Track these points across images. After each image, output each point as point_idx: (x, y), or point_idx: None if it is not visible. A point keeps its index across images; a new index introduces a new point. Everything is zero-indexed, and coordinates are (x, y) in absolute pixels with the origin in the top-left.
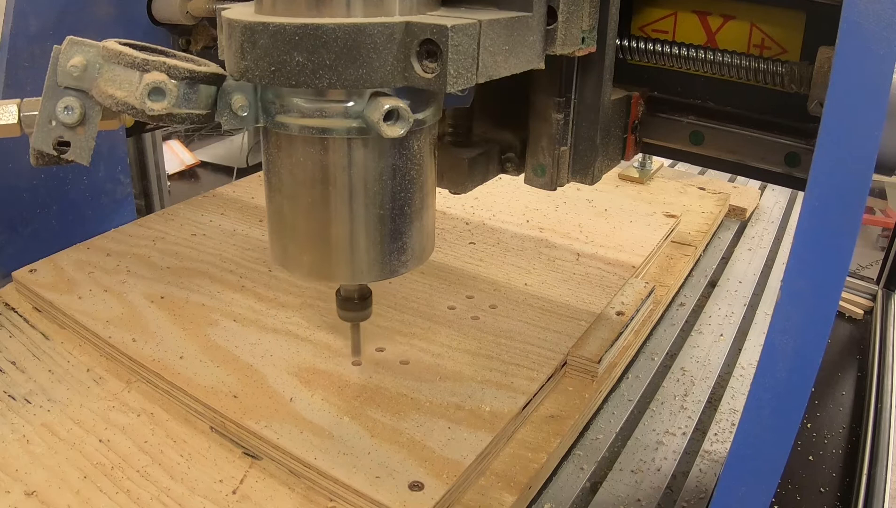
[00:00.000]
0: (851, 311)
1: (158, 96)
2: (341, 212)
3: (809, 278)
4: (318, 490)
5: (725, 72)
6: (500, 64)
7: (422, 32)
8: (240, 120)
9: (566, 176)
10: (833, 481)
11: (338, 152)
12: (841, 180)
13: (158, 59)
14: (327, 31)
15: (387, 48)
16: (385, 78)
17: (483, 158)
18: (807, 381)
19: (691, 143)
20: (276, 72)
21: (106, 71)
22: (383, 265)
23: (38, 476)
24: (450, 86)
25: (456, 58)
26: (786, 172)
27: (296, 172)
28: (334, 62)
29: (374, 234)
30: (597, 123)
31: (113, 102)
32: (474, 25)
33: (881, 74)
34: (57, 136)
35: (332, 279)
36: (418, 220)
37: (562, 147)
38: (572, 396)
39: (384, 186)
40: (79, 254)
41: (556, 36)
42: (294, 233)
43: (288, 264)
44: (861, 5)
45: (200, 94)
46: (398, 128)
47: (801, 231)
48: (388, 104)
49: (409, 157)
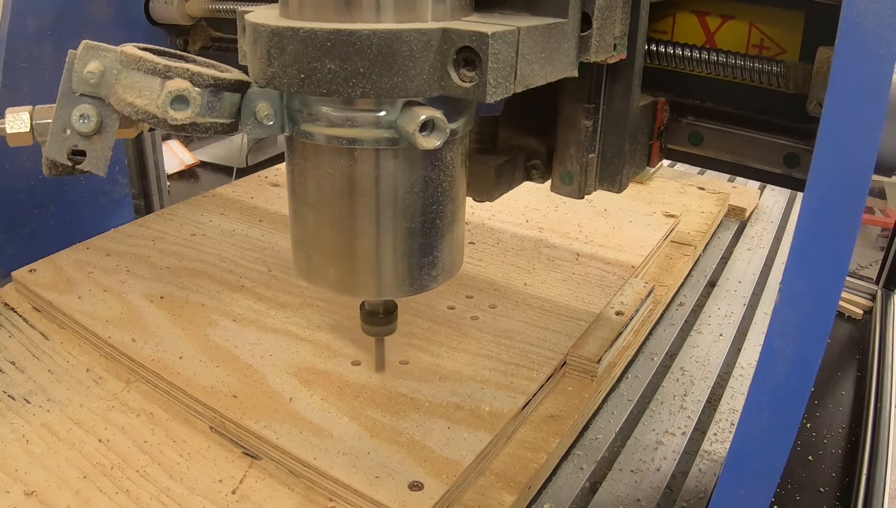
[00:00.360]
0: (851, 311)
1: (181, 105)
2: (369, 225)
3: (809, 280)
4: (318, 490)
5: (724, 72)
6: (537, 72)
7: (460, 39)
8: (265, 129)
9: (594, 184)
10: (833, 481)
11: (367, 163)
12: (840, 181)
13: (181, 66)
14: (362, 36)
15: (423, 56)
16: (421, 87)
17: (509, 166)
18: (806, 383)
19: (690, 143)
20: (305, 80)
21: (124, 77)
22: (413, 280)
23: (37, 476)
24: (489, 96)
25: (495, 67)
26: (785, 172)
27: (322, 184)
28: (368, 70)
29: (404, 248)
30: (625, 130)
31: (132, 111)
32: (513, 32)
33: (881, 75)
34: (72, 145)
35: (357, 294)
36: (450, 233)
37: (590, 154)
38: (572, 396)
39: (415, 199)
40: (78, 254)
41: (591, 43)
42: (319, 245)
43: (312, 276)
44: (860, 5)
45: (224, 102)
46: (434, 139)
47: (801, 232)
48: (424, 114)
49: (441, 168)
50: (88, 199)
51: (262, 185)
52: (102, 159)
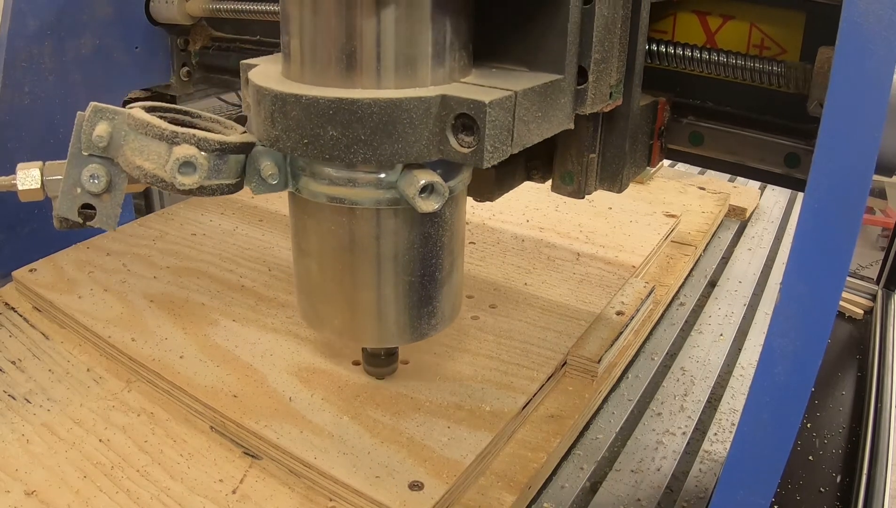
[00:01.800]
0: (851, 311)
1: (189, 170)
2: (371, 279)
3: (809, 280)
4: (318, 490)
5: (724, 72)
6: (533, 131)
7: (458, 106)
8: (269, 187)
9: (594, 184)
10: (833, 481)
11: (368, 222)
12: (841, 182)
13: (188, 132)
14: (363, 105)
15: (423, 123)
16: (421, 152)
17: (509, 166)
18: (806, 383)
19: (691, 143)
20: (308, 145)
21: (132, 140)
22: (413, 330)
23: (37, 476)
24: (486, 161)
25: (493, 133)
26: (786, 172)
27: (325, 239)
28: (369, 137)
29: (404, 300)
30: (626, 130)
31: (141, 174)
32: (510, 98)
33: (881, 75)
34: (82, 202)
35: (361, 342)
36: (448, 283)
37: (590, 154)
38: (572, 396)
39: (415, 254)
40: (79, 254)
41: (587, 96)
42: (323, 296)
43: (316, 323)
44: (861, 5)
45: (230, 163)
46: (433, 202)
47: (801, 233)
48: (423, 179)
49: (440, 225)
50: None
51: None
52: (112, 216)
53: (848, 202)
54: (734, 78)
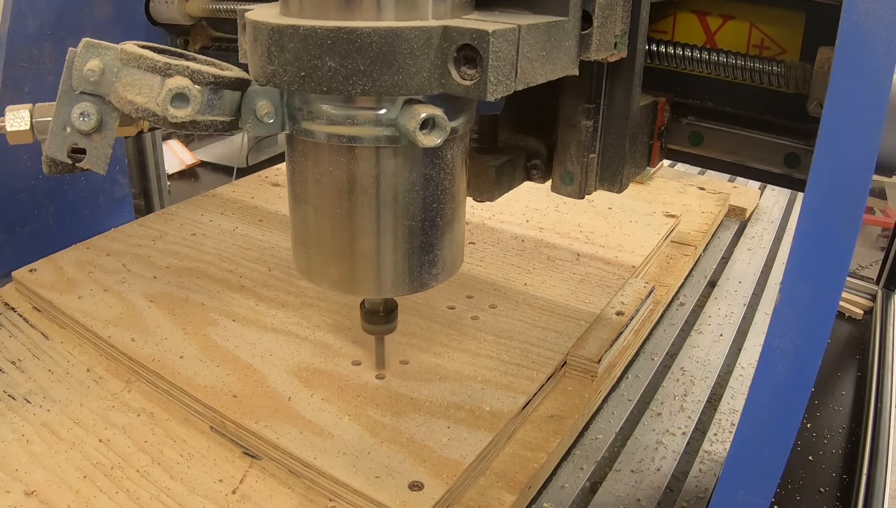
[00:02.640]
0: (851, 311)
1: (182, 103)
2: (370, 224)
3: (809, 281)
4: (318, 490)
5: (724, 72)
6: (538, 71)
7: (460, 37)
8: (265, 127)
9: (594, 184)
10: (833, 481)
11: (367, 162)
12: (840, 182)
13: (181, 64)
14: (362, 34)
15: (424, 53)
16: (422, 85)
17: (509, 166)
18: (806, 384)
19: (690, 143)
20: (305, 77)
21: (125, 75)
22: (413, 279)
23: (37, 476)
24: (490, 94)
25: (496, 65)
26: (786, 172)
27: (323, 182)
28: (369, 68)
29: (404, 246)
30: (626, 130)
31: (133, 109)
32: (514, 31)
33: (881, 75)
34: (72, 143)
35: (358, 293)
36: (450, 231)
37: (590, 154)
38: (572, 396)
39: (415, 197)
40: (78, 254)
41: (591, 41)
42: (319, 244)
43: (312, 275)
44: (861, 5)
45: (224, 100)
46: (435, 137)
47: (801, 233)
48: (424, 112)
49: (441, 166)
50: (88, 198)
51: (263, 185)
52: (102, 157)
53: (848, 202)
54: (734, 78)
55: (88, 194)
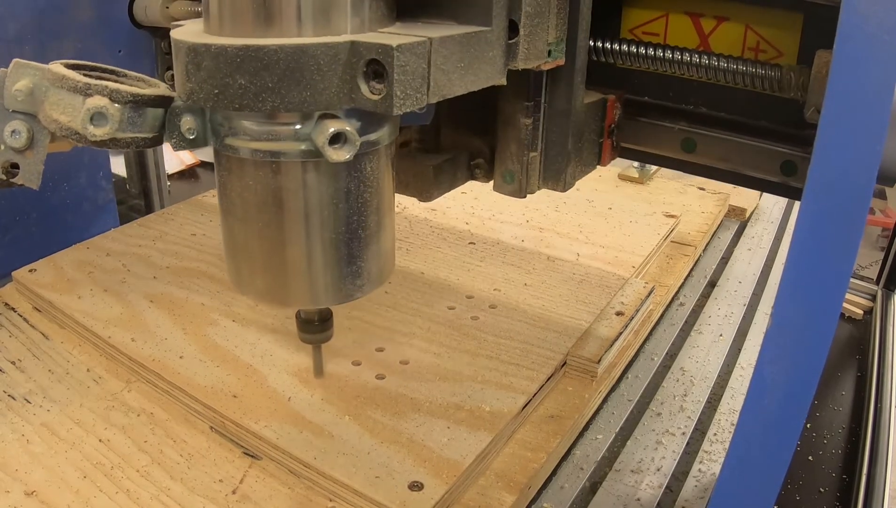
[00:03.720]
0: (851, 311)
1: (101, 121)
2: (290, 236)
3: (803, 304)
4: (318, 490)
5: (718, 76)
6: (455, 82)
7: (367, 52)
8: (189, 142)
9: (537, 183)
10: (833, 481)
11: (288, 176)
12: (839, 193)
13: (101, 84)
14: (269, 52)
15: (331, 69)
16: (330, 100)
17: (449, 165)
18: (799, 415)
19: (683, 150)
20: (219, 95)
21: (52, 95)
22: (337, 291)
23: (37, 476)
24: (396, 108)
25: (403, 78)
26: (782, 181)
27: (247, 196)
28: (277, 84)
29: (324, 259)
30: (568, 128)
31: (57, 127)
32: (423, 43)
33: (882, 80)
34: (6, 159)
35: (281, 304)
36: (374, 243)
37: (531, 153)
38: (572, 396)
39: (337, 210)
40: (78, 254)
41: (519, 50)
42: (248, 256)
43: (242, 286)
44: (860, 7)
45: (146, 117)
46: (344, 152)
47: (795, 252)
48: (332, 128)
49: (361, 179)
50: (72, 205)
51: None
52: (35, 173)
53: (846, 216)
54: (728, 83)
55: (72, 200)
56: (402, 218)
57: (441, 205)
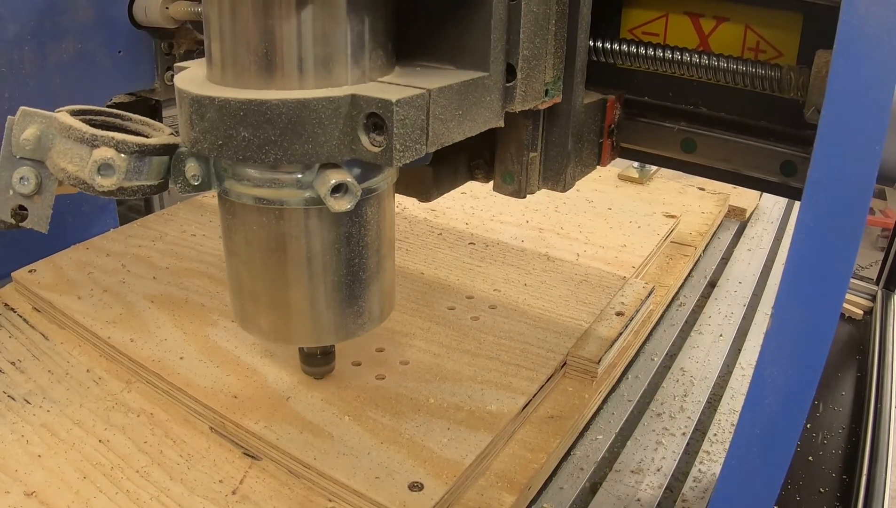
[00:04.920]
0: (851, 311)
1: (108, 172)
2: (293, 278)
3: (803, 304)
4: (318, 491)
5: (718, 76)
6: (454, 130)
7: (367, 106)
8: (194, 188)
9: (536, 183)
10: (833, 481)
11: (291, 222)
12: (839, 194)
13: (107, 135)
14: (272, 106)
15: (332, 122)
16: (331, 152)
17: (449, 166)
18: (799, 415)
19: (683, 150)
20: (223, 146)
21: (59, 144)
22: (339, 329)
23: (37, 477)
24: (396, 160)
25: (402, 131)
26: (782, 181)
27: (250, 239)
28: (279, 138)
29: (327, 300)
30: (567, 128)
31: (65, 176)
32: (422, 96)
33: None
34: (15, 204)
35: (285, 342)
36: (375, 283)
37: (531, 153)
38: (572, 396)
39: (339, 254)
40: (78, 254)
41: (516, 93)
42: (252, 297)
43: (247, 324)
44: (860, 7)
45: (152, 165)
46: (346, 202)
47: (795, 251)
48: (334, 179)
49: (362, 224)
50: (72, 206)
51: None
52: (44, 218)
53: (846, 217)
54: (728, 83)
55: (72, 200)
56: (402, 218)
57: (441, 205)
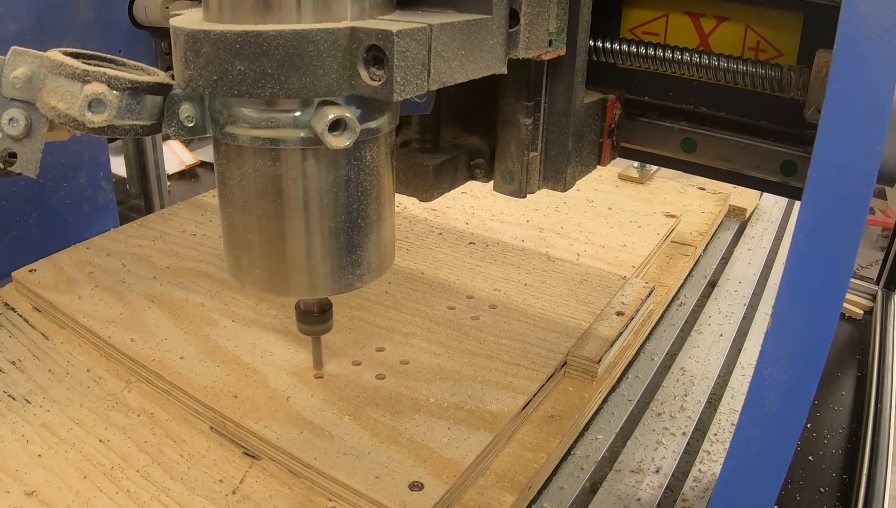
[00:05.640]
0: (851, 311)
1: (99, 108)
2: (293, 225)
3: (803, 305)
4: (318, 491)
5: (718, 76)
6: (456, 70)
7: (367, 38)
8: (188, 130)
9: (537, 183)
10: (833, 481)
11: (288, 163)
12: (839, 195)
13: (99, 70)
14: (268, 38)
15: (331, 55)
16: (330, 86)
17: (450, 165)
18: (800, 415)
19: (683, 150)
20: (218, 81)
21: (50, 82)
22: (336, 280)
23: (37, 476)
24: (396, 94)
25: (403, 64)
26: (782, 181)
27: (246, 184)
28: (276, 70)
29: (324, 248)
30: (568, 128)
31: (55, 115)
32: (424, 30)
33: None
34: (4, 148)
35: (280, 294)
36: (374, 232)
37: (531, 153)
38: (572, 396)
39: (337, 199)
40: (78, 254)
41: (519, 39)
42: (247, 246)
43: (241, 276)
44: (860, 7)
45: (145, 104)
46: (344, 139)
47: (795, 251)
48: (332, 114)
49: (361, 167)
50: (72, 205)
51: None
52: (33, 162)
53: (847, 216)
54: (728, 82)
55: (72, 200)
56: (402, 218)
57: (441, 205)
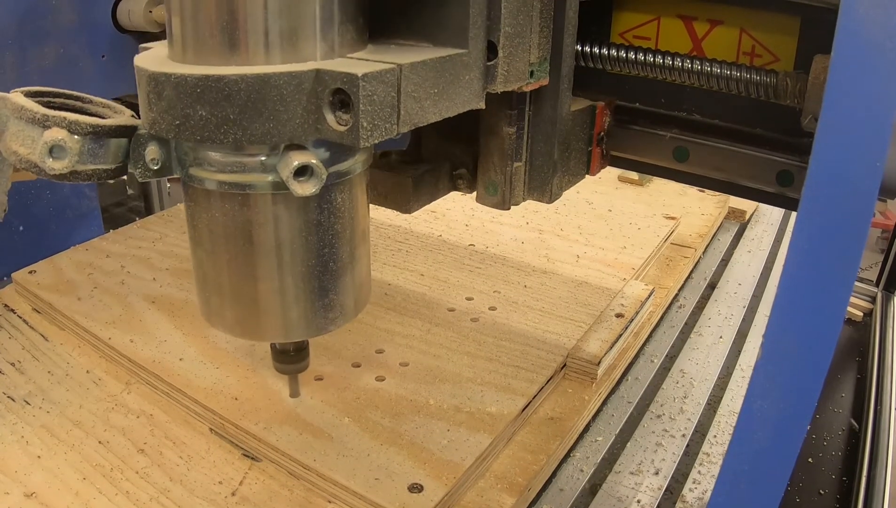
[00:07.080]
0: (851, 313)
1: (60, 154)
2: (263, 269)
3: (797, 333)
4: (318, 492)
5: (712, 82)
6: (429, 110)
7: (332, 81)
8: (154, 173)
9: (521, 194)
10: (832, 483)
11: (256, 208)
12: (837, 207)
13: (59, 115)
14: (229, 82)
15: (295, 99)
16: (295, 132)
17: (431, 176)
18: (791, 451)
19: (675, 159)
20: (180, 126)
21: (12, 125)
22: (308, 324)
23: (37, 478)
24: (363, 140)
25: (370, 109)
26: (778, 191)
27: (214, 228)
28: (238, 116)
29: (295, 292)
30: (554, 137)
31: (17, 159)
32: (392, 71)
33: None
34: None
35: (250, 337)
36: (347, 275)
37: (515, 163)
38: (572, 398)
39: (307, 243)
40: (78, 255)
41: (498, 72)
42: (217, 289)
43: (212, 318)
44: (860, 11)
45: (108, 148)
46: (311, 186)
47: (789, 275)
48: (297, 161)
49: (332, 211)
50: (55, 213)
51: None
52: None
53: (844, 234)
54: (722, 89)
55: (55, 208)
56: (401, 218)
57: (441, 206)
